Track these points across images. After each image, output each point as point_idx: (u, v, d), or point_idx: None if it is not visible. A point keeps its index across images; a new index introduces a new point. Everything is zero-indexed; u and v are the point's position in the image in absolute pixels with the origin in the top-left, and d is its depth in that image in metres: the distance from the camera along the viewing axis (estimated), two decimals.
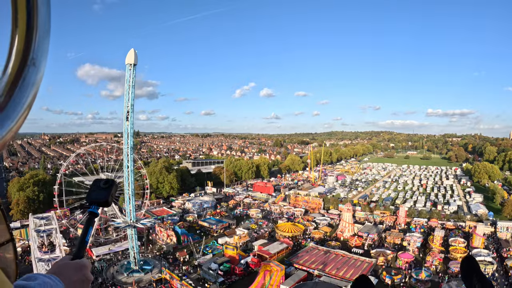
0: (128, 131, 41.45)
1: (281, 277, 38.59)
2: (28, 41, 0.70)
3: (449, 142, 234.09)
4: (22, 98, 0.68)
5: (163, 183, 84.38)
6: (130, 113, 41.12)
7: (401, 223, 63.17)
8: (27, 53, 0.69)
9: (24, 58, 0.69)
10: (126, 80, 40.76)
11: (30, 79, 0.70)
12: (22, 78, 0.69)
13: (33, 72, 0.71)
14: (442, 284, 37.81)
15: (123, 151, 42.25)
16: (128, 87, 40.72)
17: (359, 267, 42.69)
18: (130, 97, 40.84)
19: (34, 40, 0.70)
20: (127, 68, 40.68)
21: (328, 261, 44.47)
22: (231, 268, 43.64)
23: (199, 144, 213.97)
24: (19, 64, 0.69)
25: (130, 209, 43.16)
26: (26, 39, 0.69)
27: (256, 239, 54.24)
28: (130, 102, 40.97)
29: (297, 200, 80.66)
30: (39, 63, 0.72)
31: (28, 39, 0.69)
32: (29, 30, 0.70)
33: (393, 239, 54.33)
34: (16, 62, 0.69)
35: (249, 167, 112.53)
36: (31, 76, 0.70)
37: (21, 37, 0.69)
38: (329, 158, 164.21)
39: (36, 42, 0.71)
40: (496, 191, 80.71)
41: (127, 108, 41.01)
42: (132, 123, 41.72)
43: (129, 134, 41.57)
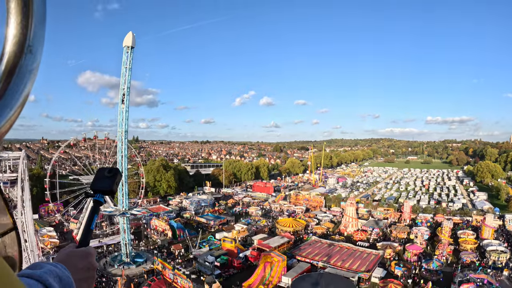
0: (123, 114, 40.07)
1: (283, 268, 36.22)
2: (24, 29, 0.68)
3: (449, 147, 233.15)
4: (20, 86, 0.68)
5: (161, 181, 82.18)
6: (126, 96, 39.97)
7: (406, 219, 60.86)
8: (23, 41, 0.68)
9: (20, 45, 0.68)
10: (123, 63, 39.82)
11: (27, 66, 0.69)
12: (19, 66, 0.68)
13: (30, 60, 0.70)
14: (455, 273, 35.50)
15: (117, 135, 40.67)
16: (125, 69, 39.75)
17: (365, 258, 40.32)
18: (127, 80, 39.78)
19: (30, 28, 0.69)
20: (125, 50, 39.84)
21: (332, 254, 42.07)
22: (228, 261, 41.17)
23: (198, 150, 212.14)
24: (15, 52, 0.68)
25: (122, 197, 41.12)
26: (22, 26, 0.68)
27: (255, 234, 51.80)
28: (127, 84, 39.90)
29: (297, 198, 78.36)
30: (36, 50, 0.71)
31: (24, 27, 0.68)
32: (24, 18, 0.68)
33: (399, 233, 52.05)
34: (13, 49, 0.68)
35: (249, 169, 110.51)
36: (28, 63, 0.69)
37: (17, 24, 0.68)
38: (329, 162, 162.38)
39: (32, 30, 0.69)
40: (500, 188, 78.87)
41: (123, 90, 39.86)
42: (128, 106, 40.45)
43: (123, 118, 40.16)
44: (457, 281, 31.46)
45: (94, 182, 1.38)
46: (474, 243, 44.83)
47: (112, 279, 36.27)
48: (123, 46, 39.84)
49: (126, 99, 40.12)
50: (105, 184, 1.36)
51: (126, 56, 39.69)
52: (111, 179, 1.37)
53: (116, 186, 1.38)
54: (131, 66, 40.11)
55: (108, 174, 1.38)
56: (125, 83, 39.72)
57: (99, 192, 1.35)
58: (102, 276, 37.03)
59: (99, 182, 1.36)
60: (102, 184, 1.36)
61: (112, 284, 35.15)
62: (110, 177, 1.37)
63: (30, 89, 0.71)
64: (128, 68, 39.68)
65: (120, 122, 40.49)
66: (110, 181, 1.37)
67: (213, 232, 54.09)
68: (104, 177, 1.37)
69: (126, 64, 39.70)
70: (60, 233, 52.31)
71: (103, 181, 1.36)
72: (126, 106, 40.21)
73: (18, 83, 0.67)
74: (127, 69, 39.75)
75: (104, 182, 1.36)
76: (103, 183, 1.36)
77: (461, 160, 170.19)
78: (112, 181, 1.36)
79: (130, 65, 39.93)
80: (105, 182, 1.36)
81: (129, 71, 39.93)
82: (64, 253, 1.19)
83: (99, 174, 1.40)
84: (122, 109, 40.13)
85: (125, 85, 39.81)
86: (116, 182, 1.38)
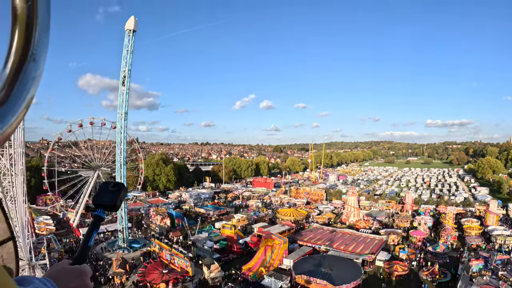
0: (124, 96, 39.77)
1: (284, 250, 35.37)
2: (28, 37, 0.68)
3: (450, 148, 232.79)
4: (23, 93, 0.68)
5: (160, 175, 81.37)
6: (126, 78, 39.73)
7: (408, 210, 60.01)
8: (27, 49, 0.68)
9: (24, 53, 0.68)
10: (125, 46, 39.78)
11: (30, 74, 0.69)
12: (22, 73, 0.68)
13: (33, 68, 0.70)
14: (461, 256, 34.64)
15: (117, 116, 40.23)
16: (126, 52, 39.68)
17: (369, 243, 39.45)
18: (128, 62, 39.65)
19: (34, 36, 0.69)
20: (126, 33, 39.82)
21: (335, 239, 41.21)
22: (228, 246, 40.26)
23: (198, 150, 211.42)
24: (19, 59, 0.68)
25: (120, 179, 40.39)
26: (26, 34, 0.68)
27: (255, 222, 50.91)
28: (128, 67, 39.72)
29: (298, 192, 77.56)
30: (39, 58, 0.71)
31: (28, 34, 0.68)
32: (29, 25, 0.68)
33: (402, 222, 51.19)
34: (16, 57, 0.68)
35: (249, 165, 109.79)
36: (31, 71, 0.69)
37: (21, 32, 0.68)
38: (330, 161, 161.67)
39: (36, 38, 0.69)
40: (502, 181, 78.19)
41: (124, 73, 39.64)
42: (128, 88, 40.17)
43: (124, 99, 39.81)
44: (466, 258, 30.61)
45: (96, 196, 1.29)
46: (479, 229, 44.02)
47: (107, 262, 35.32)
48: (125, 29, 39.88)
49: (126, 81, 39.86)
50: (108, 199, 1.27)
51: (128, 39, 39.67)
52: (115, 194, 1.28)
53: (120, 202, 1.29)
54: (133, 49, 40.11)
55: (113, 189, 1.29)
56: (126, 66, 39.51)
57: (101, 207, 1.26)
58: (98, 260, 36.10)
59: (102, 196, 1.28)
60: (105, 199, 1.27)
61: (107, 267, 34.22)
62: (114, 192, 1.28)
63: (33, 96, 0.71)
64: (129, 51, 39.62)
65: (120, 104, 40.12)
66: (114, 196, 1.28)
67: (213, 221, 53.15)
68: (108, 192, 1.28)
69: (128, 47, 39.67)
70: (57, 222, 51.37)
71: (107, 196, 1.28)
72: (127, 88, 39.94)
73: (21, 90, 0.67)
74: (128, 52, 39.67)
75: (108, 197, 1.27)
76: (106, 197, 1.27)
77: (462, 159, 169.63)
78: (116, 196, 1.28)
79: (132, 48, 39.89)
80: (109, 197, 1.27)
81: (130, 54, 39.84)
82: (56, 269, 1.10)
83: (103, 188, 1.31)
84: (123, 91, 39.85)
85: (126, 67, 39.62)
86: (120, 197, 1.29)
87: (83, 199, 49.27)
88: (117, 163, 40.22)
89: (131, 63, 40.09)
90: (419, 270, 33.47)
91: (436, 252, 36.02)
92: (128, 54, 39.64)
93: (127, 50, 39.65)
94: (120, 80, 39.94)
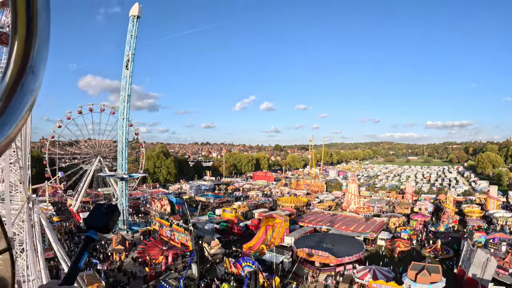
0: (127, 79, 40.22)
1: (285, 229, 35.35)
2: (27, 49, 0.68)
3: (450, 148, 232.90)
4: (20, 105, 0.67)
5: (160, 168, 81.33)
6: (130, 62, 40.33)
7: (408, 199, 59.94)
8: (25, 61, 0.68)
9: (22, 65, 0.67)
10: (129, 31, 40.54)
11: (28, 86, 0.68)
12: (20, 86, 0.67)
13: (32, 80, 0.69)
14: (463, 234, 34.54)
15: (120, 98, 40.53)
16: (130, 37, 40.46)
17: (370, 224, 39.37)
18: (132, 47, 40.39)
19: (33, 48, 0.68)
20: (131, 19, 40.61)
21: (336, 221, 41.15)
22: (228, 227, 40.19)
23: (198, 149, 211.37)
24: (17, 71, 0.67)
25: (122, 162, 40.51)
26: (25, 46, 0.68)
27: (256, 208, 50.83)
28: (131, 51, 40.42)
29: (298, 184, 77.50)
30: (38, 70, 0.70)
31: (27, 47, 0.68)
32: (28, 37, 0.68)
33: (402, 209, 51.10)
34: (15, 69, 0.67)
35: (249, 160, 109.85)
36: (29, 83, 0.68)
37: (20, 44, 0.67)
38: (330, 159, 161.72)
39: (35, 50, 0.69)
40: (502, 174, 78.24)
41: (128, 56, 40.21)
42: (132, 71, 40.63)
43: (127, 82, 40.21)
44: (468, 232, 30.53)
45: (89, 217, 1.29)
46: (480, 213, 43.99)
47: (107, 242, 35.22)
48: (130, 16, 40.72)
49: (130, 65, 40.45)
50: (100, 220, 1.27)
51: (132, 24, 40.50)
52: (108, 216, 1.28)
53: (112, 224, 1.29)
54: (137, 35, 40.84)
55: (105, 211, 1.29)
56: (130, 50, 40.26)
57: (94, 228, 1.25)
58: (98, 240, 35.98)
59: (95, 218, 1.28)
60: (97, 221, 1.26)
61: (107, 246, 34.14)
62: (107, 214, 1.29)
63: (31, 108, 0.70)
64: (133, 36, 40.41)
65: (123, 86, 40.56)
66: (106, 218, 1.28)
67: (213, 208, 53.04)
68: (101, 213, 1.28)
69: (132, 32, 40.50)
70: (57, 209, 51.29)
71: (99, 218, 1.28)
72: (130, 71, 40.48)
73: (18, 102, 0.66)
74: (132, 37, 40.47)
75: (100, 219, 1.27)
76: (99, 219, 1.27)
77: (462, 158, 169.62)
78: (108, 218, 1.28)
79: (136, 34, 40.68)
80: (101, 218, 1.27)
81: (134, 39, 40.64)
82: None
83: (96, 209, 1.31)
84: (126, 74, 40.43)
85: (130, 51, 40.35)
86: (113, 220, 1.30)
87: (84, 185, 49.28)
88: (119, 144, 40.39)
89: (134, 48, 40.76)
90: (421, 248, 33.43)
91: (438, 231, 35.97)
92: (132, 39, 40.43)
93: (131, 35, 40.48)
94: (124, 64, 40.53)
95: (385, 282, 21.64)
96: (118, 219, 1.37)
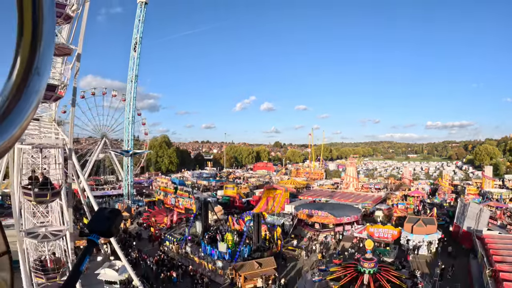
0: (135, 60, 41.88)
1: (286, 198, 36.43)
2: (32, 50, 0.70)
3: (449, 146, 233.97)
4: (26, 106, 0.69)
5: (163, 157, 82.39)
6: (138, 44, 42.04)
7: (406, 183, 60.97)
8: (31, 62, 0.69)
9: (28, 66, 0.69)
10: (137, 16, 42.49)
11: (34, 87, 0.70)
12: (26, 86, 0.69)
13: (37, 81, 0.71)
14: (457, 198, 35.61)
15: (127, 78, 41.99)
16: (138, 21, 42.48)
17: (368, 197, 40.46)
18: (139, 30, 42.38)
19: (39, 50, 0.70)
20: (139, 5, 42.50)
21: (334, 195, 42.24)
22: (230, 201, 41.24)
23: (199, 146, 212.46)
24: (23, 72, 0.69)
25: (127, 138, 41.71)
26: (31, 48, 0.70)
27: (257, 188, 51.89)
28: (139, 35, 42.27)
29: (298, 172, 78.60)
30: (43, 72, 0.72)
31: (33, 48, 0.70)
32: (34, 39, 0.70)
33: (400, 191, 52.13)
34: (21, 70, 0.69)
35: (249, 153, 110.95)
36: (34, 84, 0.70)
37: (26, 46, 0.69)
38: (330, 154, 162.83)
39: (41, 52, 0.71)
40: (499, 163, 79.34)
41: (135, 39, 41.86)
42: (139, 53, 42.14)
43: (134, 63, 41.78)
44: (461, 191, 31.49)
45: (91, 221, 1.31)
46: (476, 191, 45.01)
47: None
48: (137, 2, 42.36)
49: (138, 47, 42.08)
50: (103, 225, 1.29)
51: (140, 10, 42.48)
52: (110, 220, 1.30)
53: (115, 229, 1.32)
54: (144, 20, 42.61)
55: (109, 215, 1.31)
56: (137, 33, 42.10)
57: (96, 232, 1.28)
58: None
59: (98, 222, 1.30)
60: (100, 225, 1.29)
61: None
62: (110, 218, 1.31)
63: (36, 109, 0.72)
64: (141, 20, 42.38)
65: (131, 67, 42.25)
66: (109, 222, 1.30)
67: (215, 190, 54.06)
68: (104, 218, 1.31)
69: (140, 17, 42.54)
70: None
71: (102, 222, 1.30)
72: (138, 53, 42.17)
73: (24, 102, 0.68)
74: (140, 21, 42.48)
75: (103, 223, 1.29)
76: (102, 224, 1.29)
77: (461, 154, 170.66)
78: (111, 222, 1.30)
79: (143, 19, 42.62)
80: (104, 223, 1.29)
81: (142, 24, 42.68)
82: None
83: (99, 214, 1.33)
84: (134, 56, 42.07)
85: (138, 35, 42.26)
86: (116, 224, 1.32)
87: (89, 164, 50.28)
88: (125, 121, 41.65)
89: (142, 32, 42.51)
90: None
91: (433, 202, 37.04)
92: (140, 24, 42.47)
93: (139, 20, 42.50)
94: (132, 46, 42.27)
95: (382, 225, 22.69)
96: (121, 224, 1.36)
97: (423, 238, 23.07)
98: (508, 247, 19.26)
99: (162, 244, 26.36)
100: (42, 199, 14.07)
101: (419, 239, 23.18)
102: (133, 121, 42.21)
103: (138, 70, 42.59)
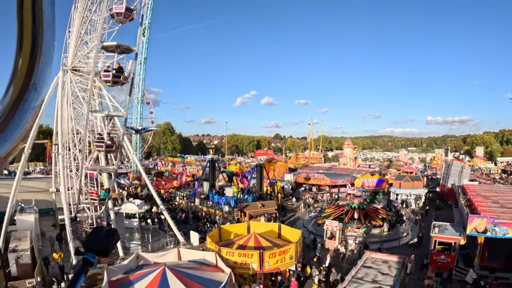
0: (143, 44, 44.24)
1: (285, 168, 38.74)
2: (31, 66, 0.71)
3: (448, 140, 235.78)
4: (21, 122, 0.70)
5: (166, 144, 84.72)
6: (146, 30, 44.09)
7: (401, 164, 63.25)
8: (29, 78, 0.71)
9: (26, 82, 0.71)
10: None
11: (31, 103, 0.72)
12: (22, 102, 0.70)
13: (34, 97, 0.72)
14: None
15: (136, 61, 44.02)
16: (146, 8, 44.09)
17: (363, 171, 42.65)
18: (148, 17, 44.29)
19: (37, 65, 0.72)
20: None
21: (331, 170, 44.48)
22: (233, 173, 43.51)
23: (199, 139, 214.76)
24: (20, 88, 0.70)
25: (136, 116, 43.92)
26: (29, 63, 0.71)
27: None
28: (147, 20, 44.23)
29: (298, 157, 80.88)
30: (41, 88, 0.74)
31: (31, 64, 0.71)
32: (33, 55, 0.71)
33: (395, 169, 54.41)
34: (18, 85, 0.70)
35: (250, 141, 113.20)
36: (31, 100, 0.72)
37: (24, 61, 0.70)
38: (329, 145, 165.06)
39: (39, 67, 0.72)
40: (493, 150, 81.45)
41: (144, 25, 43.68)
42: (148, 38, 44.19)
43: (143, 47, 44.13)
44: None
45: (88, 240, 1.30)
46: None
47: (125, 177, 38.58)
48: None
49: (146, 32, 44.17)
50: (100, 244, 1.28)
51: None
52: (107, 239, 1.31)
53: (112, 247, 1.33)
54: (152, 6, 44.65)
55: (105, 235, 1.31)
56: (145, 19, 43.92)
57: (92, 251, 1.26)
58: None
59: (94, 241, 1.29)
60: (96, 244, 1.28)
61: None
62: (107, 238, 1.31)
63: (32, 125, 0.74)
64: (149, 8, 44.52)
65: (140, 50, 44.09)
66: (106, 241, 1.31)
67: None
68: (100, 237, 1.30)
69: (148, 4, 44.50)
70: None
71: (98, 241, 1.29)
72: (146, 38, 44.79)
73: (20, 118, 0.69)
74: (148, 8, 44.49)
75: (99, 242, 1.29)
76: (98, 242, 1.28)
77: (459, 147, 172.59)
78: (108, 241, 1.30)
79: (151, 6, 45.00)
80: (101, 242, 1.29)
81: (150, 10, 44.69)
82: None
83: (95, 233, 1.33)
84: (143, 40, 44.30)
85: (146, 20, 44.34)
86: (112, 244, 1.32)
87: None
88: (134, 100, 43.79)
89: (150, 18, 44.85)
90: None
91: (424, 172, 39.26)
92: (148, 10, 44.42)
93: (147, 7, 44.41)
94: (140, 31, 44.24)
95: (370, 175, 24.95)
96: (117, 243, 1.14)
97: (410, 192, 25.31)
98: (484, 189, 21.52)
99: (172, 201, 28.71)
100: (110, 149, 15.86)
101: (407, 193, 25.43)
102: (142, 100, 44.41)
103: (146, 53, 44.82)
